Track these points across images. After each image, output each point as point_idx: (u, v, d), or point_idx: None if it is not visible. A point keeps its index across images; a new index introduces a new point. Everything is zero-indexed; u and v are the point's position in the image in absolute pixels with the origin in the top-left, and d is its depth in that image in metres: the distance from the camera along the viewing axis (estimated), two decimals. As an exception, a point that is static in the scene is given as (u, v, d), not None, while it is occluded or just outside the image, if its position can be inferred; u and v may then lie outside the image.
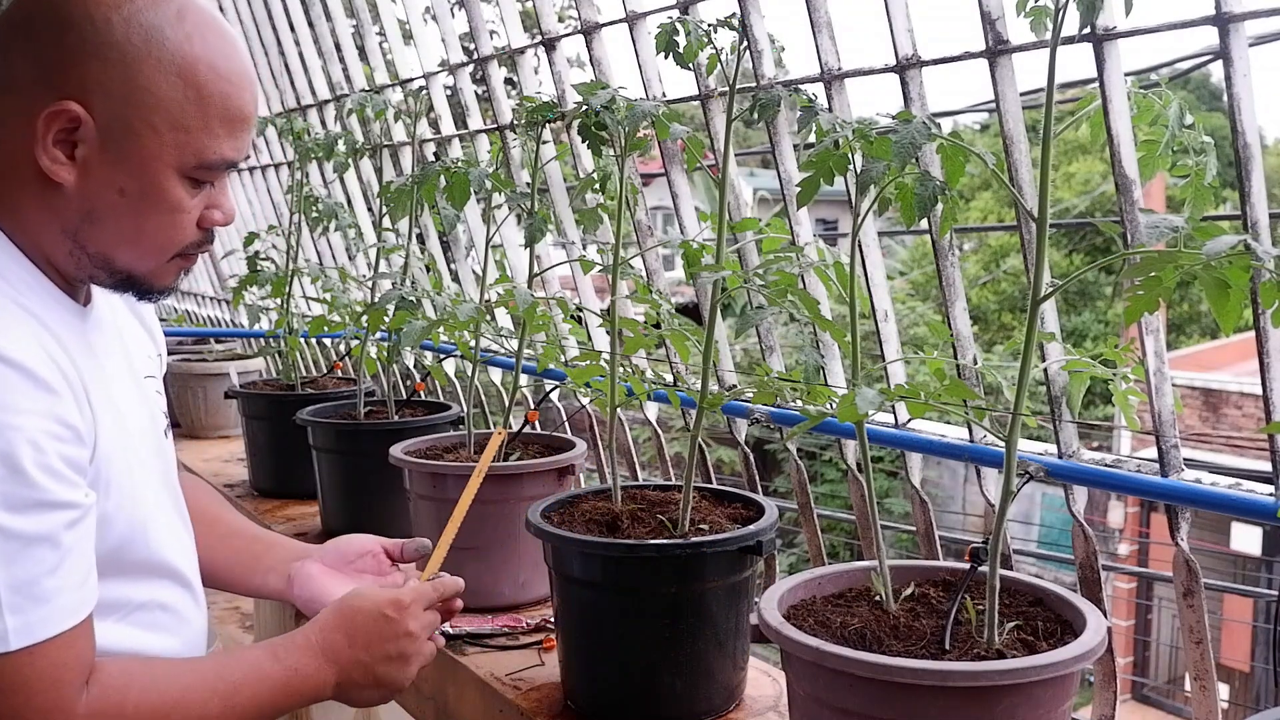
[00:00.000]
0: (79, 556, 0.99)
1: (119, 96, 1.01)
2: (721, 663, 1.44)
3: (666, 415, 2.41)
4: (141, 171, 1.04)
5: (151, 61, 1.02)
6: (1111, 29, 1.30)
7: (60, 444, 0.97)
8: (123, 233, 1.06)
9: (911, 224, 1.18)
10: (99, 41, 1.01)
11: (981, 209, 16.45)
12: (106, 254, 1.07)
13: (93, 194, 1.04)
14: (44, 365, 0.98)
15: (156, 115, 1.03)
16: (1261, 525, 7.67)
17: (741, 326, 1.42)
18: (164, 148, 1.04)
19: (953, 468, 11.57)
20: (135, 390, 1.19)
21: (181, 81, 1.03)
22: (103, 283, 1.12)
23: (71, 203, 1.04)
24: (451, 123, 2.88)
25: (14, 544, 0.93)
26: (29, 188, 1.04)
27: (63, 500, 0.97)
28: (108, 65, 1.01)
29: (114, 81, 1.01)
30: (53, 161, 1.02)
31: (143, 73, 1.02)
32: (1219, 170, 1.11)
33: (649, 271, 2.07)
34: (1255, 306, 1.22)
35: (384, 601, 1.20)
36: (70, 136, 1.02)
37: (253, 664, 1.13)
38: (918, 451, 1.69)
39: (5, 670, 0.94)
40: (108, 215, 1.05)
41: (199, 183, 1.08)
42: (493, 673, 1.63)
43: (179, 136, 1.04)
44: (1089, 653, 1.05)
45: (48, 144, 1.01)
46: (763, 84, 1.75)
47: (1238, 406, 11.13)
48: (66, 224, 1.05)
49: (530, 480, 1.81)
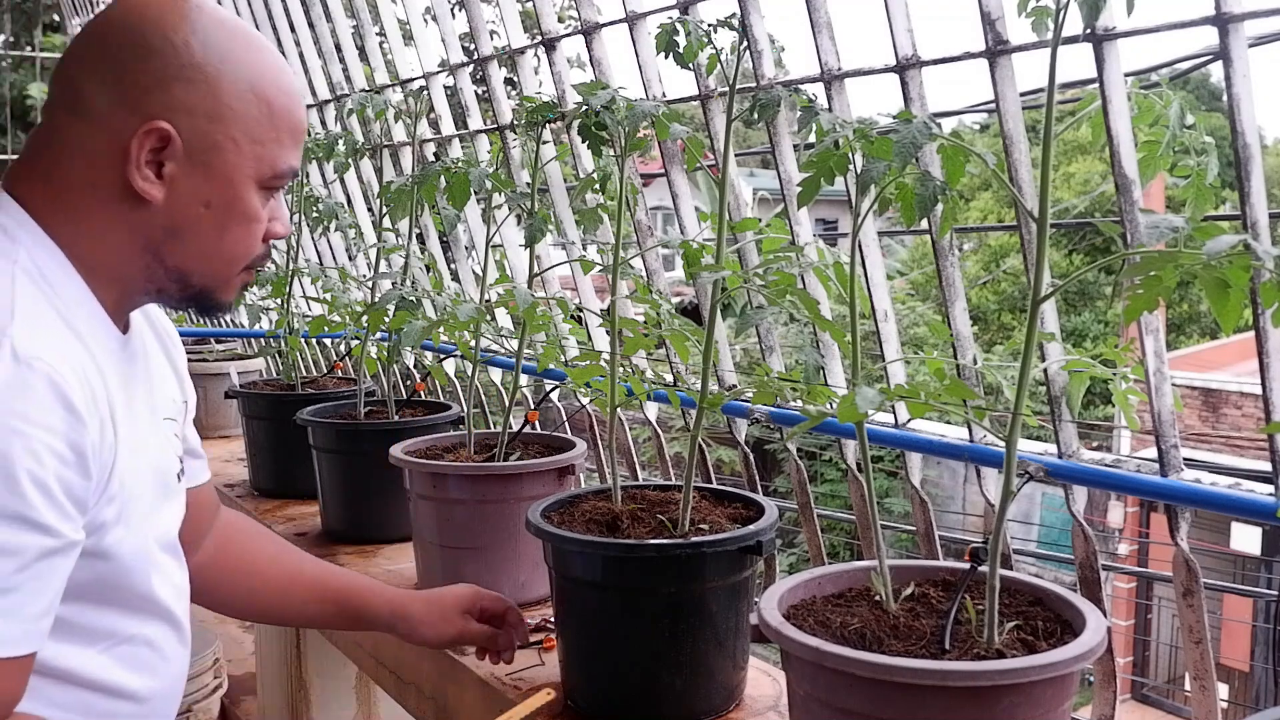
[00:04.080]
0: (41, 589, 0.96)
1: (203, 114, 1.07)
2: (721, 663, 1.44)
3: (666, 415, 2.41)
4: (225, 184, 1.10)
5: (229, 80, 1.08)
6: (1111, 29, 1.30)
7: (63, 467, 0.96)
8: (204, 245, 1.11)
9: (911, 224, 1.18)
10: (181, 64, 1.06)
11: (981, 209, 16.45)
12: (184, 267, 1.12)
13: (179, 209, 1.09)
14: (76, 387, 0.99)
15: (237, 130, 1.09)
16: (1261, 525, 7.67)
17: (741, 326, 1.42)
18: (244, 160, 1.10)
19: (953, 467, 11.57)
20: (154, 428, 1.20)
21: (255, 97, 1.10)
22: (171, 296, 1.16)
23: (157, 219, 1.08)
24: (451, 123, 2.89)
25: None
26: (110, 208, 1.07)
27: (44, 523, 0.95)
28: (191, 86, 1.07)
29: (198, 101, 1.07)
30: (145, 181, 1.06)
31: (223, 90, 1.08)
32: (1219, 170, 1.11)
33: (649, 271, 2.07)
34: (1255, 306, 1.22)
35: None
36: (158, 156, 1.07)
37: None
38: (918, 451, 1.69)
39: None
40: (192, 228, 1.10)
41: (269, 193, 1.14)
42: (493, 673, 1.63)
43: (256, 149, 1.10)
44: (1089, 652, 1.05)
45: (140, 163, 1.06)
46: (763, 84, 1.75)
47: (1237, 406, 11.13)
48: (150, 240, 1.09)
49: (530, 480, 1.81)
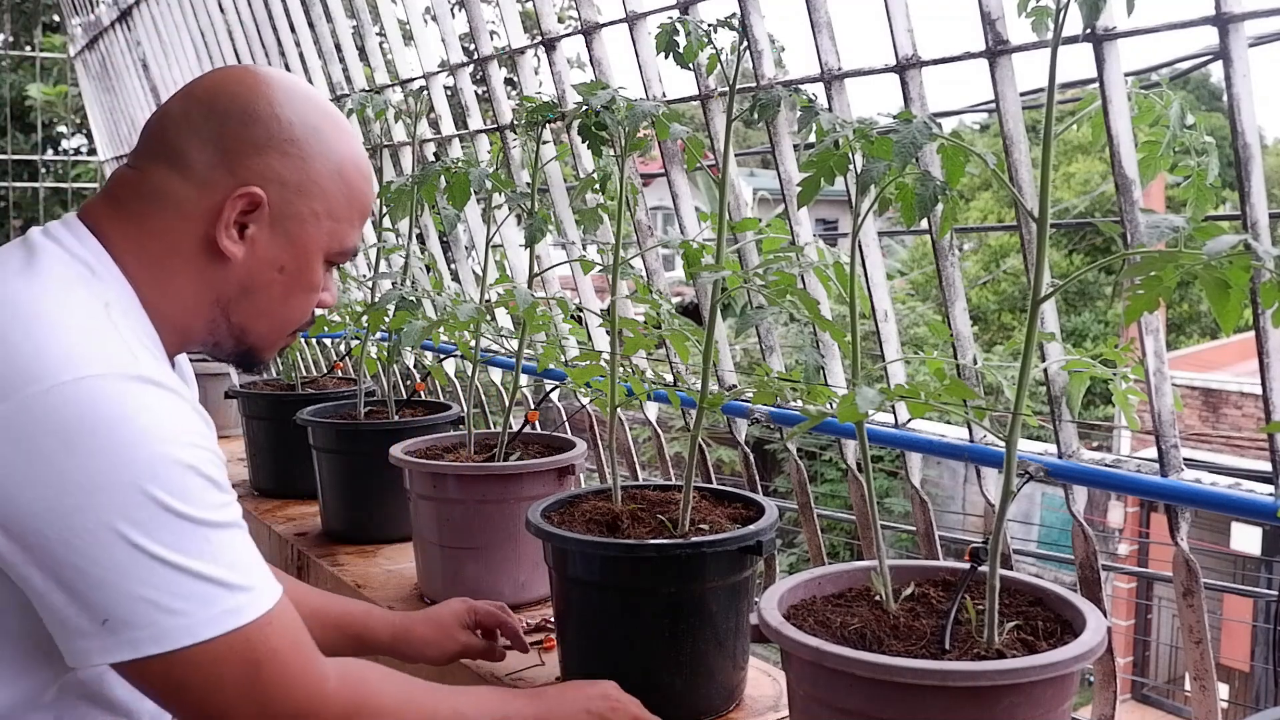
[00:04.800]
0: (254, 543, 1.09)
1: (293, 186, 1.14)
2: (721, 663, 1.44)
3: (666, 415, 2.41)
4: (301, 253, 1.17)
5: (320, 159, 1.16)
6: (1112, 29, 1.30)
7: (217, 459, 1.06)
8: (270, 306, 1.18)
9: (912, 224, 1.18)
10: (281, 137, 1.13)
11: (981, 209, 16.45)
12: (246, 325, 1.19)
13: (255, 270, 1.15)
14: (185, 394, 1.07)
15: (320, 205, 1.16)
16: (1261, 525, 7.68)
17: (741, 326, 1.42)
18: (320, 233, 1.17)
19: (953, 467, 11.57)
20: None
21: (340, 178, 1.17)
22: (224, 350, 1.22)
23: (233, 276, 1.15)
24: (451, 123, 2.88)
25: (220, 534, 1.02)
26: (190, 260, 1.13)
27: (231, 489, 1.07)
28: (287, 159, 1.14)
29: (290, 173, 1.14)
30: (230, 240, 1.13)
31: (314, 167, 1.15)
32: (1219, 170, 1.11)
33: (649, 271, 2.07)
34: (1255, 306, 1.22)
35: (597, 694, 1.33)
36: (245, 218, 1.13)
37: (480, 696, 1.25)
38: (918, 451, 1.69)
39: (255, 641, 1.01)
40: (263, 290, 1.17)
41: (331, 265, 1.22)
42: (493, 673, 1.63)
43: (332, 225, 1.18)
44: (1089, 652, 1.05)
45: (229, 224, 1.12)
46: (763, 84, 1.75)
47: (1237, 406, 11.13)
48: (221, 295, 1.16)
49: (530, 480, 1.81)
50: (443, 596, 1.92)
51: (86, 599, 0.95)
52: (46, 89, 8.33)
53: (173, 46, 4.48)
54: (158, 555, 0.96)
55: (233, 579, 1.01)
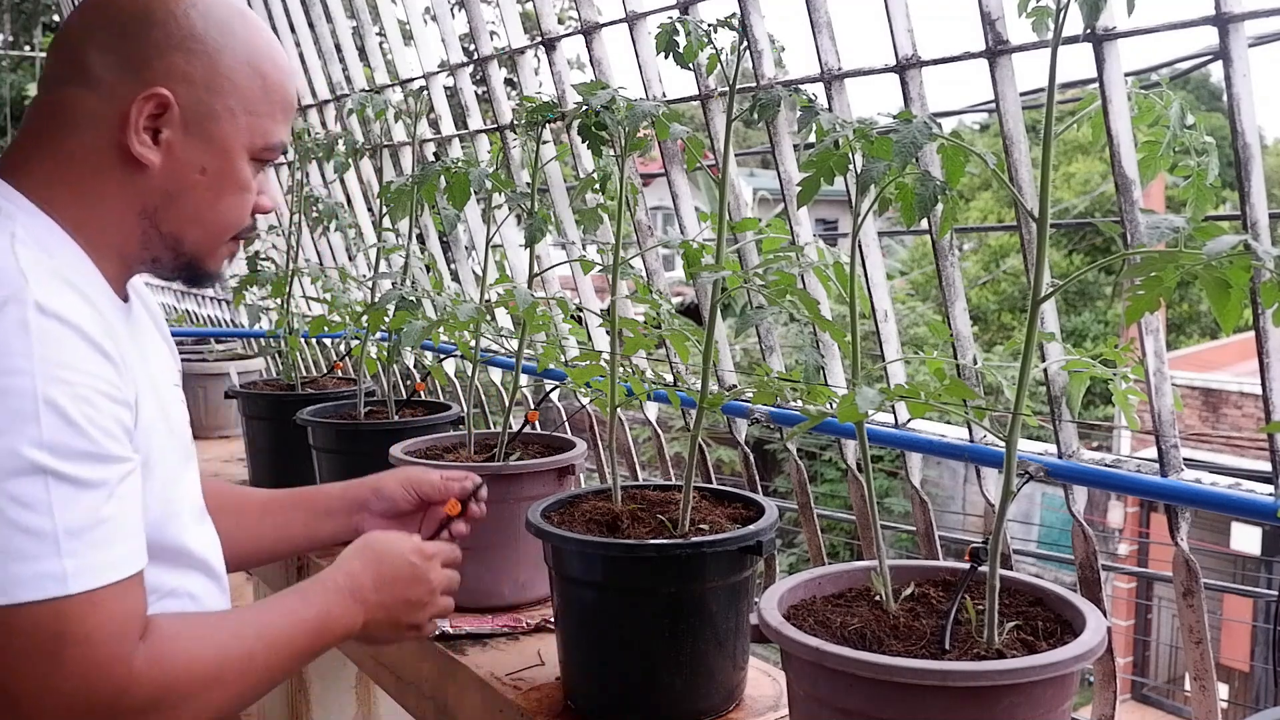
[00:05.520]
0: (131, 510, 1.02)
1: (202, 84, 1.11)
2: (721, 662, 1.44)
3: (666, 415, 2.41)
4: (221, 152, 1.14)
5: (228, 53, 1.13)
6: (1112, 29, 1.30)
7: (113, 405, 1.01)
8: (198, 211, 1.15)
9: (912, 224, 1.18)
10: (182, 34, 1.11)
11: (981, 209, 16.45)
12: (178, 233, 1.15)
13: (176, 174, 1.13)
14: (99, 333, 1.02)
15: (234, 100, 1.13)
16: (1261, 525, 7.68)
17: (741, 326, 1.42)
18: (239, 130, 1.14)
19: (953, 467, 11.57)
20: (167, 391, 1.24)
21: (252, 70, 1.14)
22: (165, 265, 1.18)
23: (154, 184, 1.12)
24: (451, 123, 2.88)
25: (67, 489, 0.95)
26: (108, 175, 1.11)
27: (114, 454, 1.00)
28: (191, 56, 1.11)
29: (197, 70, 1.11)
30: (143, 146, 1.10)
31: (223, 62, 1.12)
32: (1219, 170, 1.11)
33: (649, 271, 2.07)
34: (1255, 306, 1.22)
35: (409, 549, 1.29)
36: (156, 122, 1.11)
37: (288, 610, 1.18)
38: (918, 451, 1.69)
39: (70, 618, 0.94)
40: (187, 194, 1.14)
41: (259, 165, 1.19)
42: (493, 673, 1.63)
43: (250, 120, 1.14)
44: (1089, 652, 1.05)
45: (139, 129, 1.10)
46: (763, 84, 1.75)
47: (1238, 406, 11.13)
48: (146, 205, 1.13)
49: (530, 480, 1.81)
50: (443, 596, 1.92)
51: None
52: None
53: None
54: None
55: (66, 542, 0.93)
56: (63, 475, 0.94)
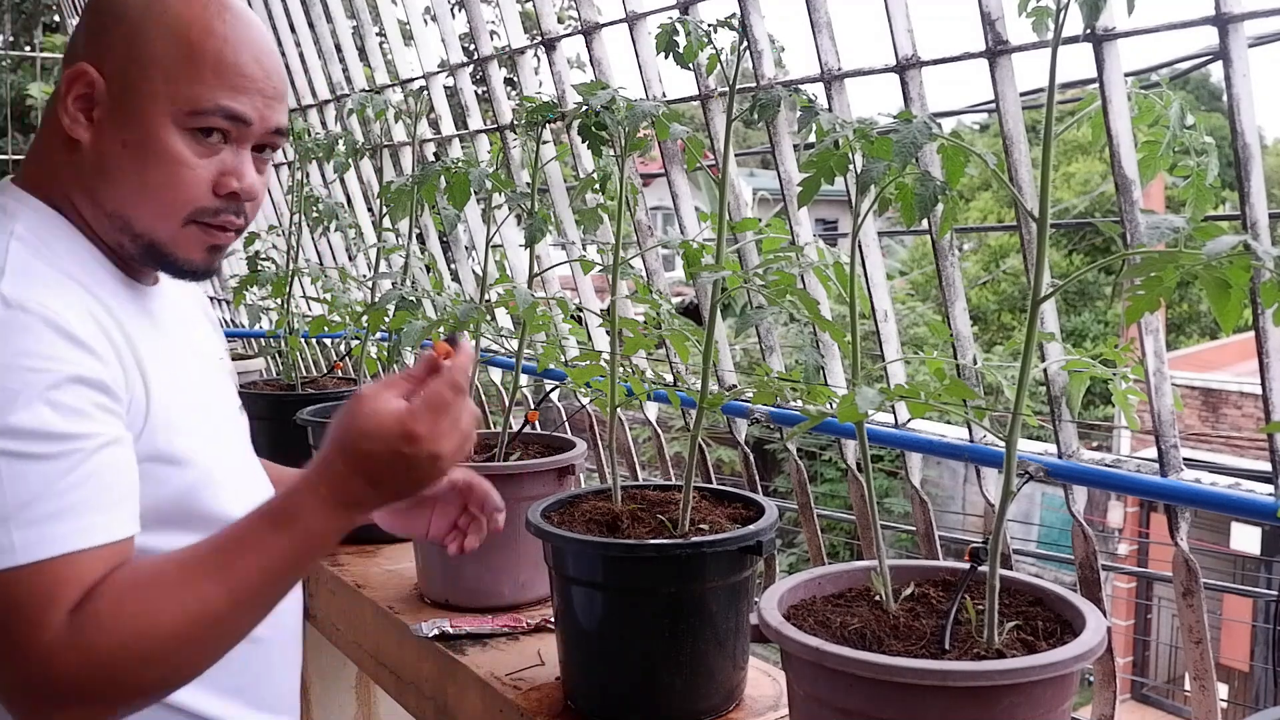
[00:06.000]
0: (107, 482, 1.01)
1: (122, 57, 1.13)
2: (721, 662, 1.44)
3: (666, 415, 2.41)
4: (139, 122, 1.12)
5: (150, 25, 1.13)
6: (1112, 29, 1.30)
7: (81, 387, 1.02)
8: (130, 186, 1.13)
9: (912, 224, 1.18)
10: (112, 15, 1.14)
11: (981, 209, 16.44)
12: (122, 213, 1.14)
13: (103, 149, 1.13)
14: (75, 322, 1.04)
15: (152, 68, 1.12)
16: (1261, 525, 7.67)
17: (741, 326, 1.42)
18: (157, 98, 1.12)
19: (953, 467, 11.57)
20: (206, 367, 1.28)
21: (175, 39, 1.13)
22: (131, 253, 1.17)
23: (87, 160, 1.13)
24: (451, 123, 2.88)
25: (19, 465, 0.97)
26: (60, 153, 1.14)
27: (77, 433, 1.00)
28: (117, 35, 1.13)
29: (120, 45, 1.13)
30: (73, 121, 1.13)
31: (142, 34, 1.13)
32: (1218, 170, 1.11)
33: (649, 271, 2.07)
34: (1255, 306, 1.22)
35: (395, 437, 1.06)
36: (89, 102, 1.13)
37: (258, 544, 1.05)
38: (918, 451, 1.69)
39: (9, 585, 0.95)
40: (115, 169, 1.13)
41: (201, 136, 1.14)
42: (493, 673, 1.63)
43: (170, 88, 1.12)
44: (1089, 652, 1.05)
45: (68, 104, 1.13)
46: (763, 84, 1.75)
47: (1237, 406, 11.12)
48: (86, 185, 1.14)
49: (530, 480, 1.81)
50: (443, 597, 1.92)
51: None
52: (47, 87, 8.33)
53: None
54: None
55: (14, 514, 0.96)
56: (17, 454, 0.97)
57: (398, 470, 1.07)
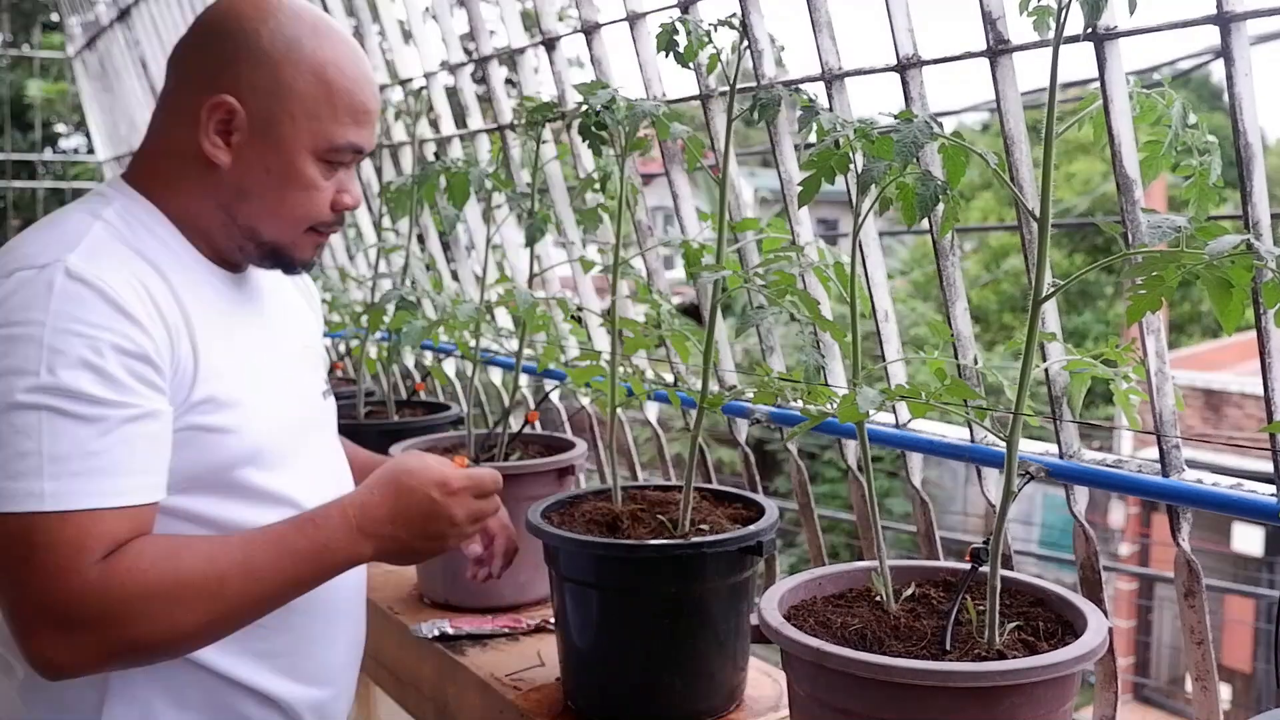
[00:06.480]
0: (132, 451, 1.12)
1: (265, 92, 1.24)
2: (722, 663, 1.44)
3: (666, 415, 2.40)
4: (282, 153, 1.25)
5: (291, 64, 1.25)
6: (1113, 28, 1.29)
7: (125, 357, 1.12)
8: (267, 206, 1.27)
9: (912, 224, 1.18)
10: (250, 48, 1.24)
11: (982, 209, 16.44)
12: (253, 225, 1.28)
13: (244, 173, 1.26)
14: (131, 296, 1.15)
15: (296, 107, 1.25)
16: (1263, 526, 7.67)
17: (742, 326, 1.41)
18: (300, 133, 1.25)
19: (953, 468, 11.57)
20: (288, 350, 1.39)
21: (315, 78, 1.25)
22: (251, 254, 1.32)
23: (226, 180, 1.26)
24: (451, 123, 2.88)
25: (59, 422, 1.08)
26: (191, 170, 1.26)
27: (115, 400, 1.11)
28: (259, 67, 1.24)
29: (262, 80, 1.24)
30: (213, 146, 1.24)
31: (285, 73, 1.24)
32: (1220, 170, 1.10)
33: (649, 271, 2.07)
34: (1257, 306, 1.21)
35: (432, 483, 1.28)
36: (227, 127, 1.24)
37: (277, 539, 1.20)
38: (918, 452, 1.68)
39: (37, 528, 1.07)
40: (255, 191, 1.27)
41: (330, 165, 1.29)
42: (493, 673, 1.63)
43: (312, 125, 1.26)
44: (1090, 653, 1.05)
45: (209, 131, 1.24)
46: (763, 84, 1.74)
47: (1239, 406, 11.12)
48: (221, 200, 1.27)
49: (530, 480, 1.81)
50: (443, 597, 1.92)
51: None
52: (46, 86, 8.33)
53: (172, 46, 4.48)
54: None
55: (47, 466, 1.07)
56: (57, 410, 1.08)
57: (418, 514, 1.26)
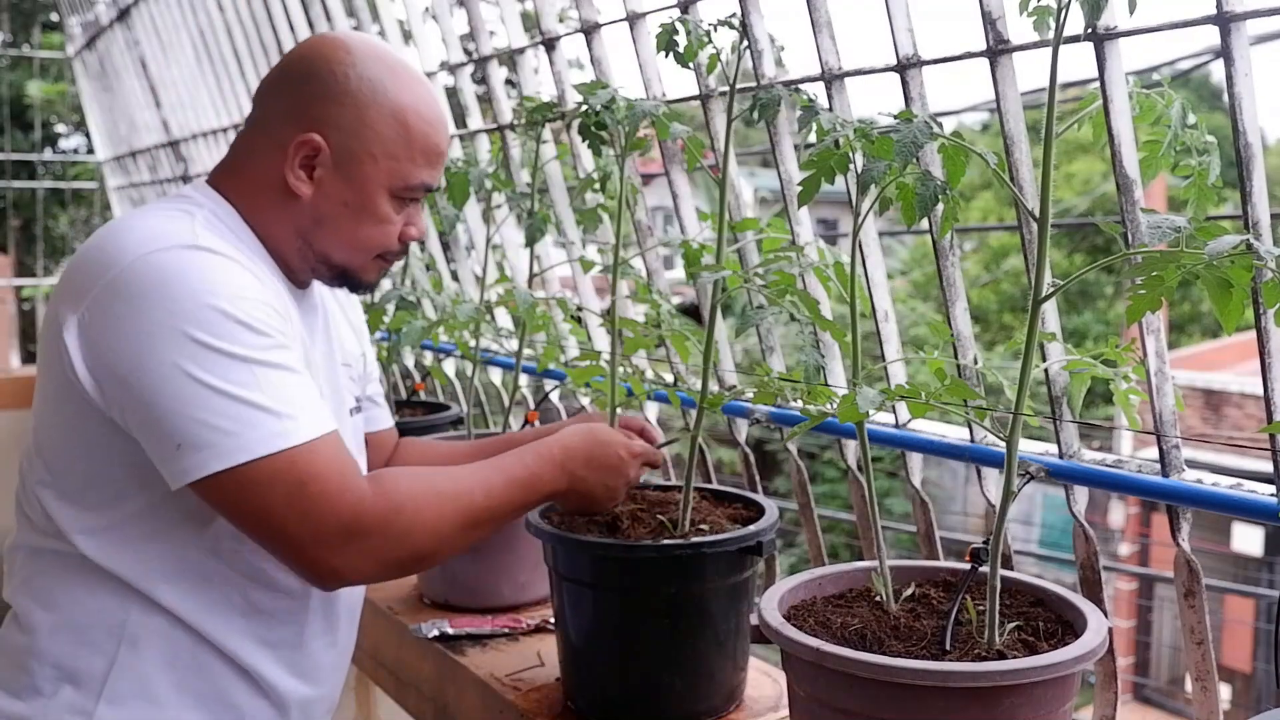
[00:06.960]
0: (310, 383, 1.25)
1: (349, 131, 1.32)
2: (721, 663, 1.44)
3: (666, 415, 2.40)
4: (361, 189, 1.34)
5: (374, 107, 1.33)
6: (1113, 28, 1.29)
7: (270, 312, 1.23)
8: (342, 236, 1.36)
9: (912, 224, 1.18)
10: (338, 89, 1.32)
11: (982, 209, 16.44)
12: (327, 252, 1.37)
13: (323, 205, 1.35)
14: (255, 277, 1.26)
15: (376, 147, 1.33)
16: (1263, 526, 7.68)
17: (741, 326, 1.41)
18: (379, 172, 1.34)
19: (953, 468, 11.57)
20: (329, 361, 1.47)
21: (395, 121, 1.33)
22: (322, 276, 1.41)
23: (305, 210, 1.35)
24: (451, 122, 2.88)
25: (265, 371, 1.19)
26: (273, 198, 1.35)
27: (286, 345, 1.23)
28: (343, 108, 1.32)
29: (346, 120, 1.32)
30: (297, 179, 1.33)
31: (368, 115, 1.33)
32: (1220, 170, 1.10)
33: (649, 271, 2.07)
34: (1257, 306, 1.21)
35: (621, 444, 1.47)
36: (311, 161, 1.32)
37: (508, 468, 1.37)
38: (918, 452, 1.68)
39: (299, 462, 1.18)
40: (332, 222, 1.35)
41: (402, 201, 1.38)
42: (493, 673, 1.62)
43: (390, 164, 1.34)
44: (1090, 653, 1.05)
45: (294, 165, 1.32)
46: (763, 84, 1.74)
47: (1239, 406, 11.12)
48: (299, 226, 1.35)
49: (530, 480, 1.80)
50: (443, 597, 1.92)
51: (161, 427, 1.17)
52: (46, 86, 8.33)
53: (171, 46, 4.48)
54: (208, 384, 1.16)
55: (278, 408, 1.17)
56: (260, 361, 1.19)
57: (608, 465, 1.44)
